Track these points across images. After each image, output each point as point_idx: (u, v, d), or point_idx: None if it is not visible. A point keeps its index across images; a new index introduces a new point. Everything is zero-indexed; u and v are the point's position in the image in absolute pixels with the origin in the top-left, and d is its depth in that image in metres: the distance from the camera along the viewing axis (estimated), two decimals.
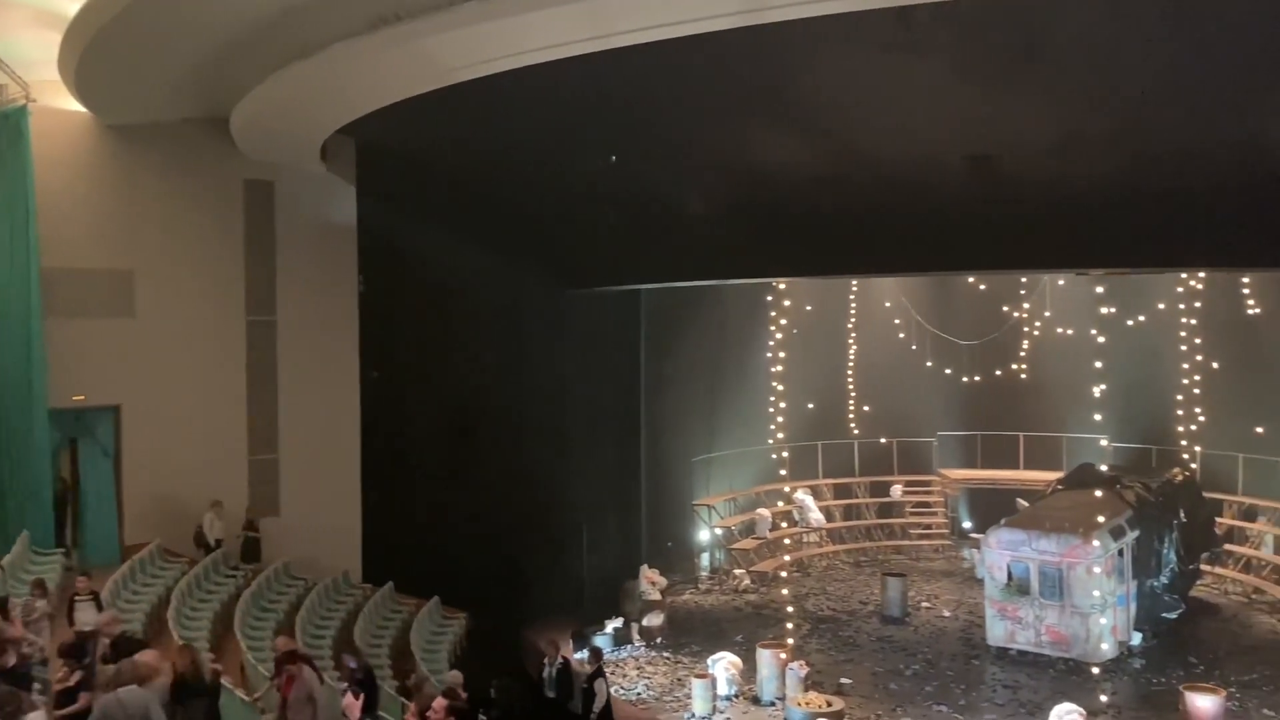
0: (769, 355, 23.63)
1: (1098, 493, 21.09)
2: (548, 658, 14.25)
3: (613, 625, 21.39)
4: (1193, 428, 24.43)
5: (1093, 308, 24.81)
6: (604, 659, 15.86)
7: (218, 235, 20.10)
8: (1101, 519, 19.78)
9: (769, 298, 25.16)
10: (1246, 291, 24.57)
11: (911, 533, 28.70)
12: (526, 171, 17.86)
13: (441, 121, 16.10)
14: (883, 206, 16.02)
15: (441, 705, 10.63)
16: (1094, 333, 23.68)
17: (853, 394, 29.26)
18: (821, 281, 26.78)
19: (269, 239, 20.66)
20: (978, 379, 28.45)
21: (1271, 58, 11.67)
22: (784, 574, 23.53)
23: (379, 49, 12.97)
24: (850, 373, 29.37)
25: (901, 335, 29.10)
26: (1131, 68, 12.30)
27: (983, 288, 28.50)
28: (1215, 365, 24.79)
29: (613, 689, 15.70)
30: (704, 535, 26.66)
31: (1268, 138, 12.98)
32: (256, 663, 13.42)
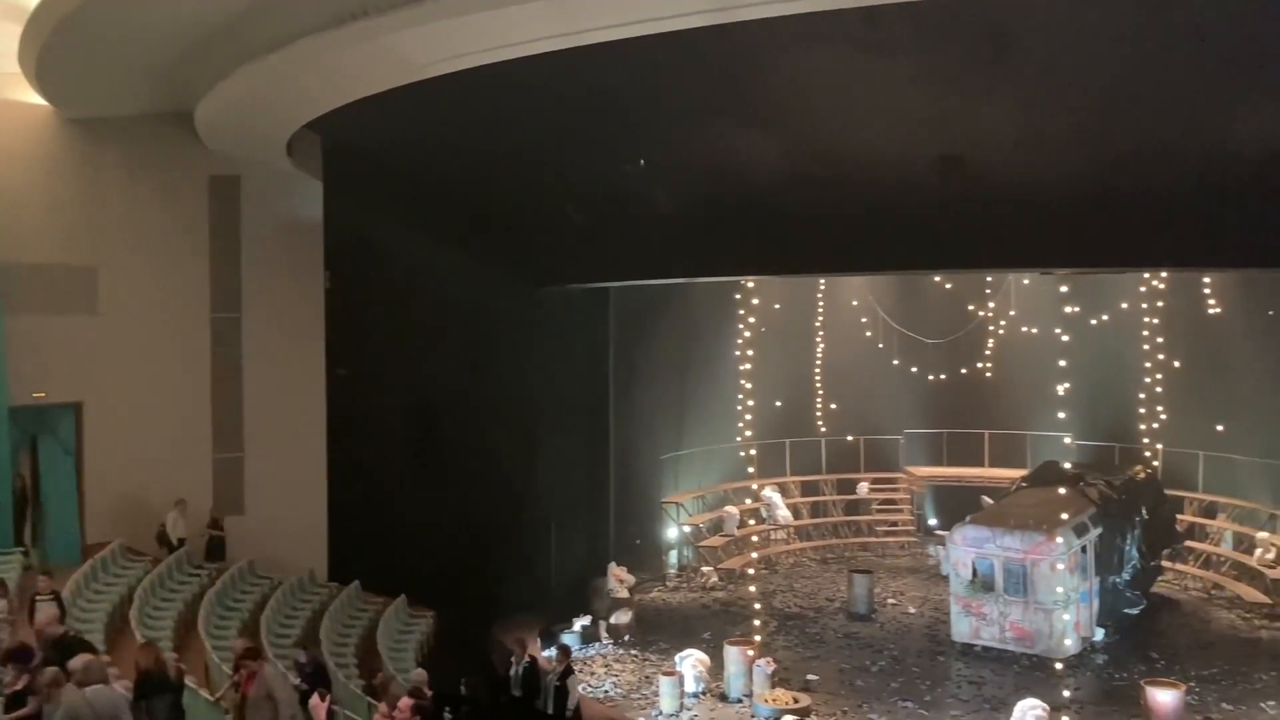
0: (737, 353, 23.71)
1: (1061, 490, 21.28)
2: (515, 656, 14.20)
3: (581, 623, 21.35)
4: (1155, 426, 24.65)
5: (1057, 307, 25.10)
6: (572, 657, 15.84)
7: (182, 231, 19.93)
8: (1065, 516, 19.96)
9: (737, 296, 25.25)
10: (1208, 291, 24.80)
11: (878, 530, 28.82)
12: (495, 168, 17.80)
13: (409, 118, 16.01)
14: (850, 206, 16.06)
15: (407, 704, 10.61)
16: (1058, 332, 23.96)
17: (820, 392, 29.30)
18: (789, 280, 26.81)
19: (234, 235, 20.52)
20: (944, 377, 28.57)
21: (1235, 60, 11.84)
22: (751, 571, 23.56)
23: (346, 44, 12.85)
24: (818, 371, 29.41)
25: (869, 334, 29.19)
26: (1097, 69, 12.45)
27: (949, 287, 28.63)
28: (1176, 364, 25.02)
29: (581, 686, 15.68)
30: (672, 533, 26.71)
31: (1231, 139, 13.13)
32: (220, 662, 13.30)
